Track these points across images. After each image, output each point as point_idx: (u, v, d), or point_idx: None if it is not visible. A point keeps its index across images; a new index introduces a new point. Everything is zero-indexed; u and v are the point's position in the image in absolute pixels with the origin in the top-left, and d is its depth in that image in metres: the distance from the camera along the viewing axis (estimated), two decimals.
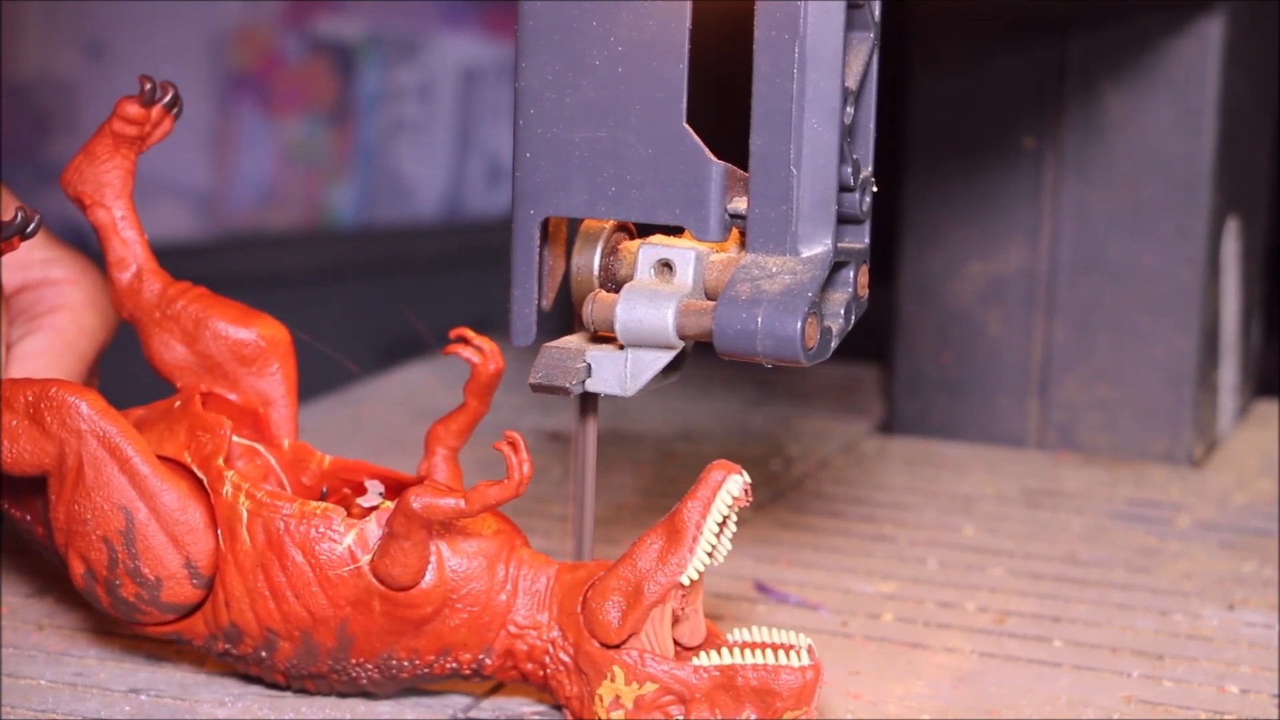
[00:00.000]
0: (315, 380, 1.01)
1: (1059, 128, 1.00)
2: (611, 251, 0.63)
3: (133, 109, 0.70)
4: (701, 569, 0.63)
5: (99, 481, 0.66)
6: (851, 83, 0.60)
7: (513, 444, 0.61)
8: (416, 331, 0.81)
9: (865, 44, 0.61)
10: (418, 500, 0.62)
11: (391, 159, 2.03)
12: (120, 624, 0.70)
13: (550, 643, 0.65)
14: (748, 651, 0.63)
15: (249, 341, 0.70)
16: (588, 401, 0.65)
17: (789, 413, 1.09)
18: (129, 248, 0.71)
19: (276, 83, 1.98)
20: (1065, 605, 0.80)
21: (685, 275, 0.61)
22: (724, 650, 0.63)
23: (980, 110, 1.02)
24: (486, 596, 0.65)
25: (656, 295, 0.61)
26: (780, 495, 0.94)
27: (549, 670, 0.65)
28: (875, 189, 0.62)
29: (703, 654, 0.63)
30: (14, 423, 0.66)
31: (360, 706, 0.68)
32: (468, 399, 0.69)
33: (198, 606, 0.67)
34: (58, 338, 0.75)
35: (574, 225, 0.64)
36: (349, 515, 0.65)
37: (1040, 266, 1.02)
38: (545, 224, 0.63)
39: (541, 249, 0.63)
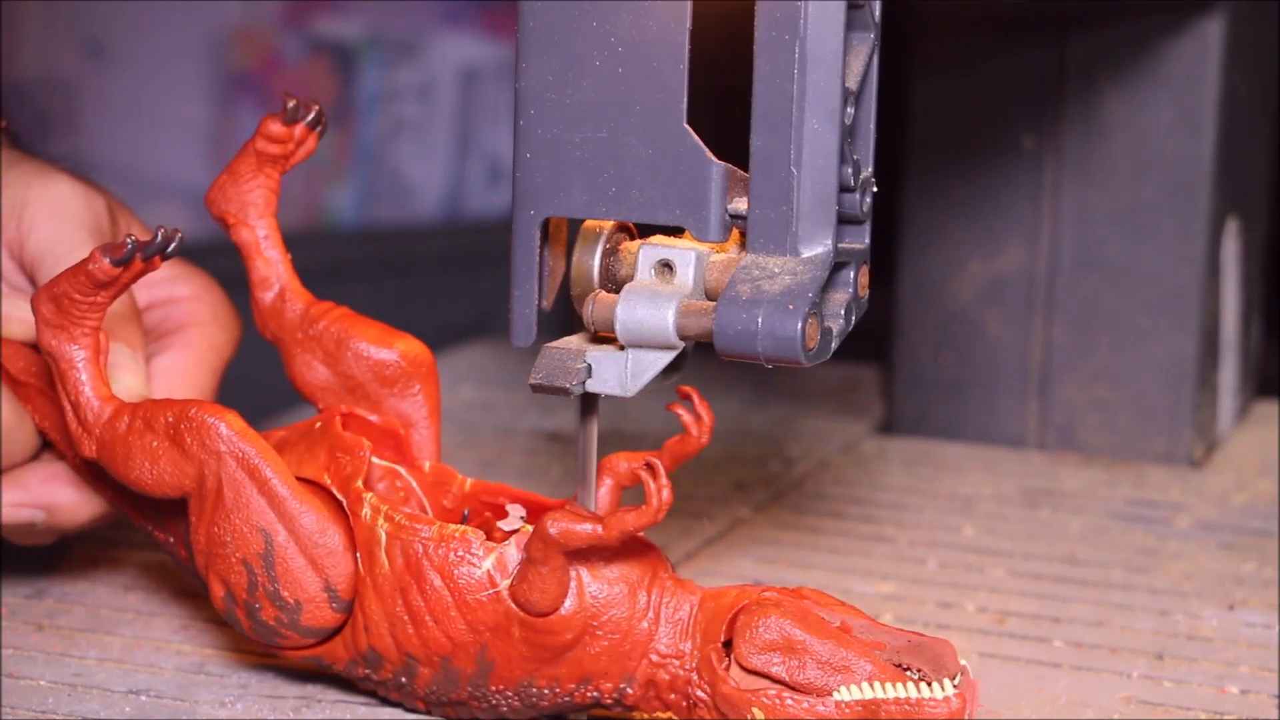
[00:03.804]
0: None
1: (1059, 128, 1.00)
2: (612, 252, 0.63)
3: (276, 127, 0.69)
4: None
5: (238, 503, 0.65)
6: (852, 83, 0.60)
7: (652, 470, 0.60)
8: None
9: (865, 44, 0.61)
10: (554, 525, 0.61)
11: (391, 159, 2.03)
12: (262, 646, 0.68)
13: (694, 673, 0.63)
14: (889, 685, 0.61)
15: (391, 362, 0.69)
16: (589, 402, 0.65)
17: (789, 413, 1.09)
18: (272, 267, 0.71)
19: (276, 83, 1.98)
20: (1065, 605, 0.80)
21: (685, 276, 0.61)
22: (864, 684, 0.61)
23: (980, 110, 1.02)
24: (628, 624, 0.63)
25: (657, 296, 0.61)
26: (780, 496, 0.94)
27: (691, 702, 0.63)
28: (875, 189, 0.62)
29: (843, 688, 0.61)
30: (154, 443, 0.66)
31: (360, 709, 0.68)
32: (662, 454, 0.65)
33: (337, 630, 0.66)
34: (189, 354, 0.75)
35: (574, 225, 0.64)
36: (489, 539, 0.64)
37: (1040, 267, 1.02)
38: (545, 224, 0.62)
39: (542, 249, 0.63)
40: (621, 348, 0.62)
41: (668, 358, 0.61)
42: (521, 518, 0.67)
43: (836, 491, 0.95)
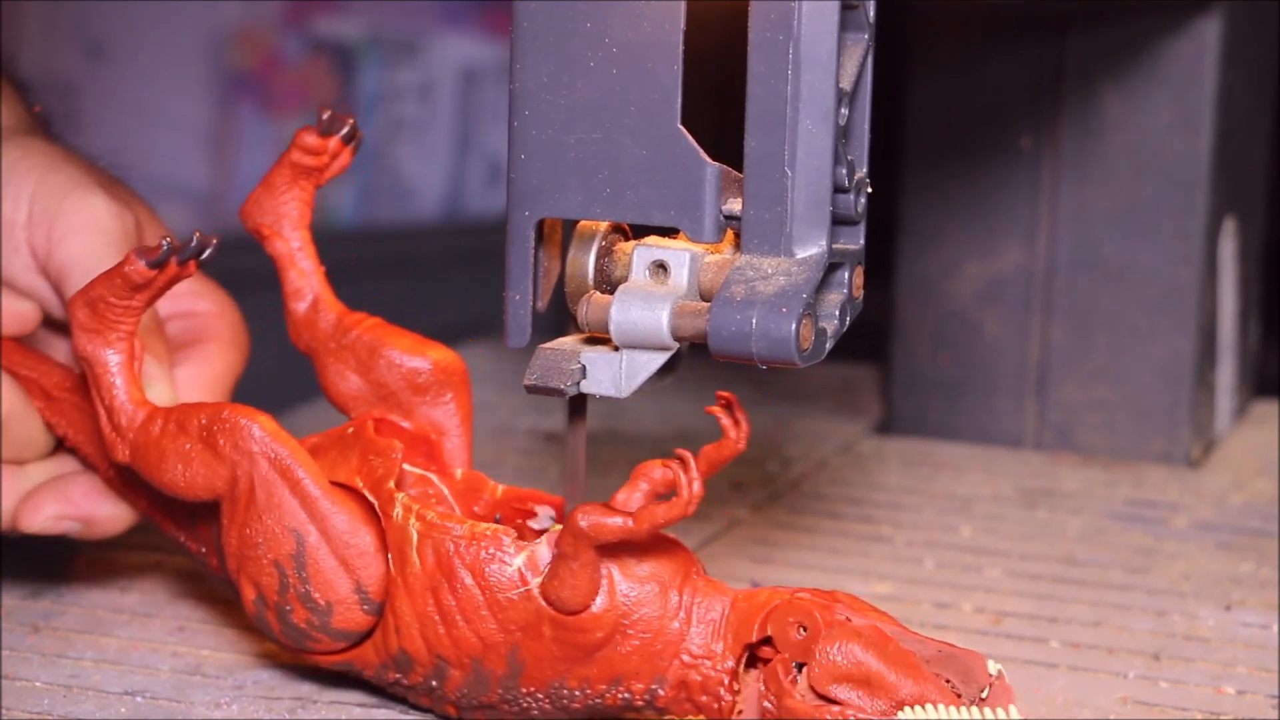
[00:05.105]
0: (312, 380, 1.01)
1: (1057, 128, 1.00)
2: (606, 253, 0.63)
3: (311, 139, 0.69)
4: None
5: (270, 504, 0.65)
6: (846, 84, 0.60)
7: (683, 462, 0.60)
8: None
9: (860, 45, 0.61)
10: (585, 519, 0.61)
11: (391, 159, 2.03)
12: (291, 653, 0.68)
13: (725, 674, 0.62)
14: (953, 709, 0.60)
15: (423, 370, 0.70)
16: (578, 403, 0.65)
17: (786, 413, 1.09)
18: (306, 278, 0.71)
19: (276, 83, 1.98)
20: (1062, 606, 0.80)
21: (680, 276, 0.61)
22: (929, 705, 0.60)
23: (978, 110, 1.02)
24: (659, 623, 0.62)
25: (651, 297, 0.61)
26: (777, 496, 0.94)
27: (723, 704, 0.62)
28: (870, 190, 0.62)
29: (907, 709, 0.60)
30: (187, 446, 0.66)
31: (356, 709, 0.68)
32: (699, 458, 0.61)
33: (368, 635, 0.66)
34: (206, 369, 0.76)
35: (569, 226, 0.64)
36: (520, 539, 0.64)
37: (1038, 266, 1.02)
38: (540, 225, 0.63)
39: (536, 250, 0.63)
40: (616, 349, 0.62)
41: (662, 359, 0.61)
42: (551, 517, 0.67)
43: (834, 492, 0.95)
